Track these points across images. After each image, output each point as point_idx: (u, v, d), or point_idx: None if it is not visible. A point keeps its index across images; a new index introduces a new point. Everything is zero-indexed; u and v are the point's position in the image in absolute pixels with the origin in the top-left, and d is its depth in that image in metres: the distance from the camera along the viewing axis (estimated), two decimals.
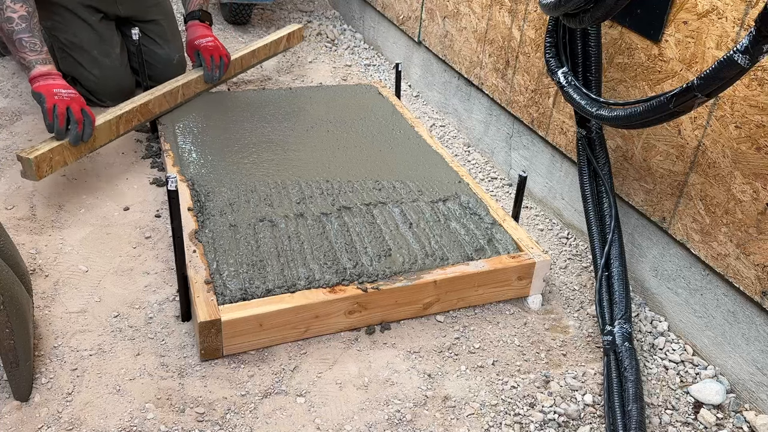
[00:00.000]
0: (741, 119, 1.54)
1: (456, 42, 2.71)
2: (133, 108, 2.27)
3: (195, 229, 1.84)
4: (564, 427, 1.54)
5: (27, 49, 2.03)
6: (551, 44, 1.88)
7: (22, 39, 2.02)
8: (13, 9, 2.00)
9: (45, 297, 1.77)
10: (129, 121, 2.27)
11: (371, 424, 1.50)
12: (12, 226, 2.00)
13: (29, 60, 2.04)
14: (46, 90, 2.00)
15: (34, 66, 2.04)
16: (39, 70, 2.04)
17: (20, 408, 1.47)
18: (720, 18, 1.56)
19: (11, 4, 1.99)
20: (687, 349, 1.79)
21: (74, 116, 2.00)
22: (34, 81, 2.03)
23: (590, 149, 1.93)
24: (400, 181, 2.15)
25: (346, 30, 3.77)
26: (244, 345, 1.63)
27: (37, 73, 2.04)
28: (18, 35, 2.01)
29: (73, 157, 2.08)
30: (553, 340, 1.79)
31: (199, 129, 2.37)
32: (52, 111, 1.97)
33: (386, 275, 1.75)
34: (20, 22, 2.01)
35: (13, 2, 1.99)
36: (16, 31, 2.01)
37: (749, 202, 1.56)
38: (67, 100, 2.00)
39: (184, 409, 1.50)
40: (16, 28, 2.01)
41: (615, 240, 1.81)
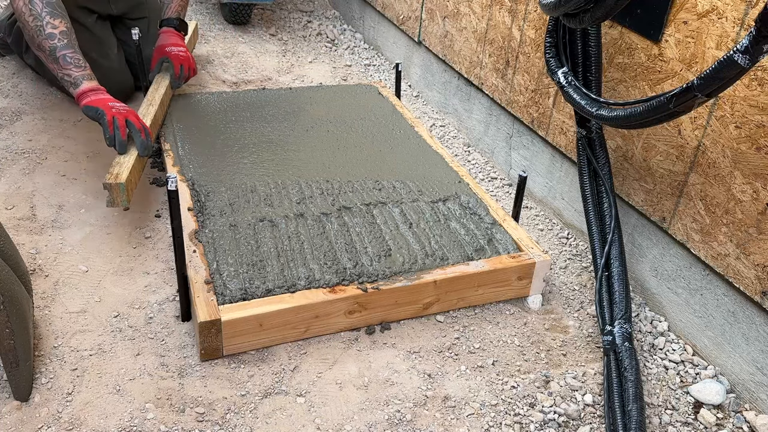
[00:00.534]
0: (741, 119, 1.54)
1: (456, 42, 2.71)
2: (152, 122, 2.21)
3: (195, 229, 1.84)
4: (564, 427, 1.54)
5: (72, 66, 1.99)
6: (551, 44, 1.88)
7: (66, 55, 1.98)
8: (54, 25, 1.96)
9: (45, 297, 1.77)
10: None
11: (371, 424, 1.51)
12: (12, 226, 2.00)
13: (75, 76, 1.99)
14: (102, 104, 1.96)
15: (81, 82, 2.00)
16: (86, 86, 2.00)
17: (20, 408, 1.47)
18: (720, 18, 1.56)
19: (51, 20, 1.95)
20: (687, 349, 1.79)
21: (135, 126, 1.97)
22: (83, 97, 1.99)
23: (590, 149, 1.93)
24: (400, 181, 2.15)
25: (346, 30, 3.77)
26: (244, 345, 1.63)
27: (85, 89, 2.00)
28: (61, 51, 1.97)
29: (138, 174, 2.00)
30: (553, 340, 1.79)
31: (199, 129, 2.37)
32: (112, 123, 1.94)
33: (386, 275, 1.75)
34: (62, 38, 1.97)
35: (52, 18, 1.95)
36: (59, 47, 1.97)
37: (749, 202, 1.56)
38: (125, 113, 1.97)
39: (184, 409, 1.50)
40: (58, 45, 1.97)
41: (615, 240, 1.81)
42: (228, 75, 3.12)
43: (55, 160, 2.33)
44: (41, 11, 1.93)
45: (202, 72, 3.12)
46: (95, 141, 2.45)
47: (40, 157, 2.34)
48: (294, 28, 3.74)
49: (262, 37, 3.57)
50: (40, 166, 2.30)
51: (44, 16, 1.94)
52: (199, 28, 3.57)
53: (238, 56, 3.31)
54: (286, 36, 3.63)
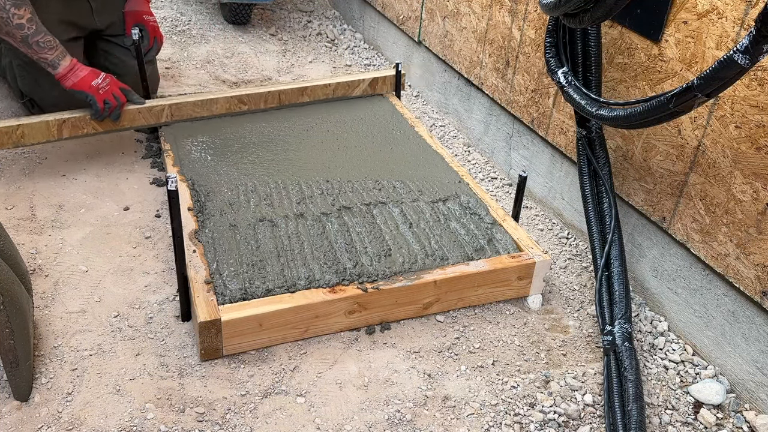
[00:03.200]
0: (741, 119, 1.54)
1: (456, 42, 2.71)
2: None
3: (195, 229, 1.84)
4: (564, 427, 1.54)
5: (45, 49, 2.06)
6: (551, 44, 1.88)
7: (38, 41, 2.05)
8: (20, 15, 2.01)
9: (45, 297, 1.77)
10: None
11: (371, 424, 1.50)
12: (12, 226, 2.00)
13: (51, 59, 2.08)
14: (86, 86, 2.10)
15: (58, 64, 2.09)
16: (64, 66, 2.09)
17: (20, 408, 1.47)
18: (720, 18, 1.56)
19: (16, 11, 2.00)
20: (687, 349, 1.79)
21: (120, 100, 2.19)
22: (65, 80, 2.10)
23: (590, 149, 1.93)
24: (400, 181, 2.15)
25: (346, 30, 3.77)
26: (244, 345, 1.63)
27: (63, 70, 2.09)
28: (33, 38, 2.04)
29: None
30: (553, 340, 1.79)
31: (199, 129, 2.37)
32: (105, 108, 2.14)
33: (386, 275, 1.75)
34: (30, 26, 2.03)
35: (17, 8, 2.00)
36: (30, 35, 2.03)
37: (749, 202, 1.56)
38: (109, 90, 2.14)
39: (184, 409, 1.50)
40: (28, 33, 2.03)
41: (615, 240, 1.81)
42: (228, 75, 3.12)
43: (55, 160, 2.33)
44: (4, 3, 1.98)
45: (201, 72, 3.12)
46: (95, 141, 2.45)
47: (40, 157, 2.34)
48: (294, 28, 3.74)
49: (262, 37, 3.57)
50: (40, 166, 2.30)
51: (8, 7, 1.99)
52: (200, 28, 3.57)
53: (238, 56, 3.31)
54: (286, 36, 3.63)
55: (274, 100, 2.50)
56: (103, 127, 2.23)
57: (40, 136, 2.15)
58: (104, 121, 2.22)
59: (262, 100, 2.49)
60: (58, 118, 2.15)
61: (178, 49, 3.32)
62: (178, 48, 3.33)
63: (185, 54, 3.28)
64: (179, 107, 2.36)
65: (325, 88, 2.58)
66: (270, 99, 2.50)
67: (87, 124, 2.20)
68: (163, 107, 2.33)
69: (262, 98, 2.49)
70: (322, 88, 2.57)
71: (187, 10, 3.78)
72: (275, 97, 2.50)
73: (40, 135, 2.15)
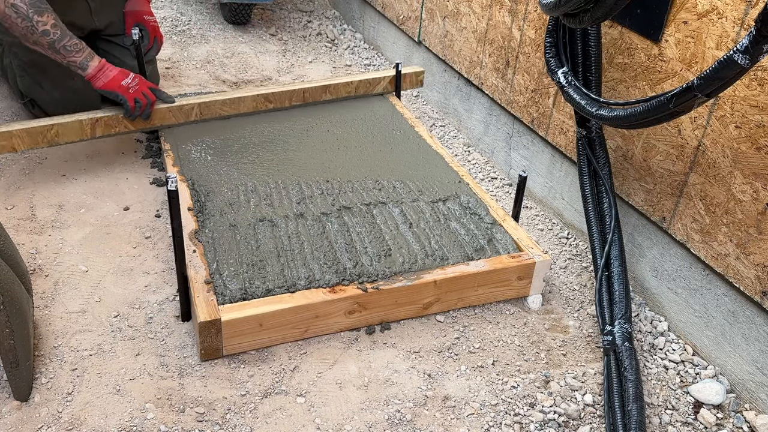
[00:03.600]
0: (741, 119, 1.54)
1: (456, 42, 2.71)
2: None
3: (195, 229, 1.84)
4: (564, 427, 1.54)
5: (73, 53, 2.07)
6: (551, 44, 1.88)
7: (65, 45, 2.05)
8: (43, 22, 2.01)
9: (45, 297, 1.77)
10: None
11: (371, 424, 1.51)
12: (12, 226, 2.00)
13: (80, 62, 2.08)
14: (116, 86, 2.12)
15: (87, 65, 2.09)
16: (93, 67, 2.10)
17: (20, 408, 1.47)
18: (720, 18, 1.56)
19: (39, 17, 2.00)
20: (687, 349, 1.79)
21: (150, 98, 2.21)
22: (95, 80, 2.11)
23: (590, 149, 1.93)
24: (400, 181, 2.15)
25: (346, 30, 3.77)
26: (244, 345, 1.63)
27: (93, 71, 2.10)
28: (60, 43, 2.04)
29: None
30: (553, 340, 1.79)
31: (199, 129, 2.37)
32: (135, 107, 2.15)
33: (386, 275, 1.75)
34: (55, 31, 2.03)
35: (39, 15, 1.99)
36: (56, 40, 2.03)
37: (749, 202, 1.56)
38: (139, 89, 2.16)
39: (184, 409, 1.50)
40: (54, 38, 2.03)
41: (615, 240, 1.81)
42: (228, 75, 3.12)
43: (55, 160, 2.33)
44: (27, 11, 1.97)
45: (201, 72, 3.12)
46: (95, 141, 2.45)
47: (40, 157, 2.34)
48: (294, 28, 3.74)
49: (262, 37, 3.57)
50: (40, 166, 2.30)
51: (32, 15, 1.98)
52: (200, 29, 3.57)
53: (238, 56, 3.31)
54: (286, 36, 3.63)
55: (299, 98, 2.54)
56: (135, 126, 2.25)
57: (73, 135, 2.16)
58: (136, 120, 2.23)
59: (287, 98, 2.53)
60: (91, 117, 2.17)
61: (178, 49, 3.32)
62: (178, 48, 3.34)
63: (185, 54, 3.28)
64: (208, 105, 2.39)
65: (348, 86, 2.61)
66: (296, 97, 2.53)
67: (119, 123, 2.22)
68: (193, 106, 2.36)
69: (287, 96, 2.52)
70: (344, 85, 2.61)
71: (187, 10, 3.78)
72: (300, 95, 2.54)
73: (73, 134, 2.16)
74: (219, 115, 2.42)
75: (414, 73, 2.71)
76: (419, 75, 2.72)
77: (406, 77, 2.70)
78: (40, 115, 2.40)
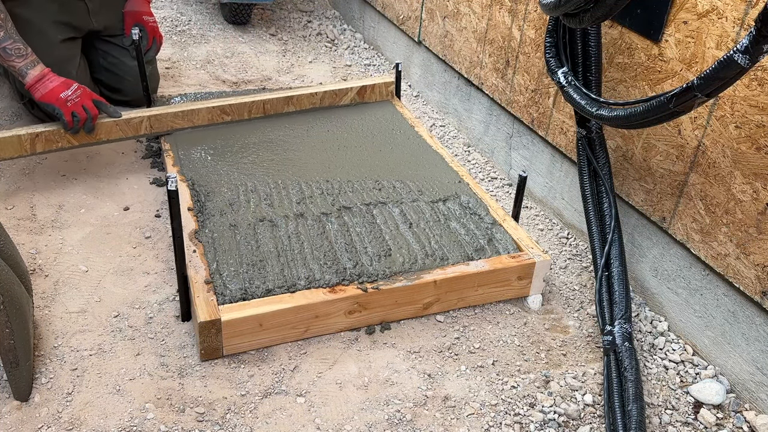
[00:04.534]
0: (741, 119, 1.54)
1: (456, 42, 2.71)
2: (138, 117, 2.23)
3: (195, 229, 1.84)
4: (564, 427, 1.54)
5: (13, 57, 1.97)
6: (551, 44, 1.88)
7: (5, 48, 1.95)
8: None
9: (45, 297, 1.77)
10: None
11: (371, 424, 1.51)
12: (12, 226, 2.00)
13: (19, 68, 1.98)
14: (54, 98, 1.98)
15: (26, 73, 1.99)
16: (32, 75, 1.99)
17: (20, 408, 1.47)
18: (720, 18, 1.56)
19: None
20: (687, 349, 1.79)
21: (90, 112, 2.06)
22: (34, 90, 1.99)
23: (590, 149, 1.93)
24: (400, 181, 2.15)
25: (346, 30, 3.77)
26: (244, 345, 1.63)
27: (32, 80, 1.99)
28: (1, 44, 1.95)
29: None
30: (553, 340, 1.79)
31: (199, 128, 2.37)
32: (73, 121, 2.00)
33: (386, 275, 1.75)
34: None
35: None
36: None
37: (749, 202, 1.56)
38: (79, 102, 2.01)
39: (184, 409, 1.50)
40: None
41: (615, 240, 1.81)
42: (228, 75, 3.12)
43: (55, 160, 2.33)
44: None
45: (201, 72, 3.12)
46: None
47: (40, 157, 2.34)
48: (294, 28, 3.74)
49: (262, 37, 3.57)
50: (40, 166, 2.30)
51: None
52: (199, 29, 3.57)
53: (238, 56, 3.31)
54: (286, 36, 3.63)
55: (259, 110, 2.42)
56: (78, 140, 2.11)
57: (11, 150, 2.03)
58: (78, 135, 2.10)
59: (246, 110, 2.40)
60: (30, 132, 2.04)
61: (178, 49, 3.32)
62: (178, 48, 3.34)
63: (185, 54, 3.28)
64: (158, 119, 2.26)
65: (312, 97, 2.52)
66: (255, 109, 2.41)
67: (61, 138, 2.08)
68: (142, 119, 2.22)
69: (246, 108, 2.39)
70: (308, 97, 2.50)
71: (187, 10, 3.78)
72: (260, 107, 2.41)
73: (11, 149, 2.03)
74: (171, 128, 2.28)
75: (384, 84, 2.62)
76: (389, 86, 2.63)
77: (375, 88, 2.60)
78: (40, 115, 2.39)
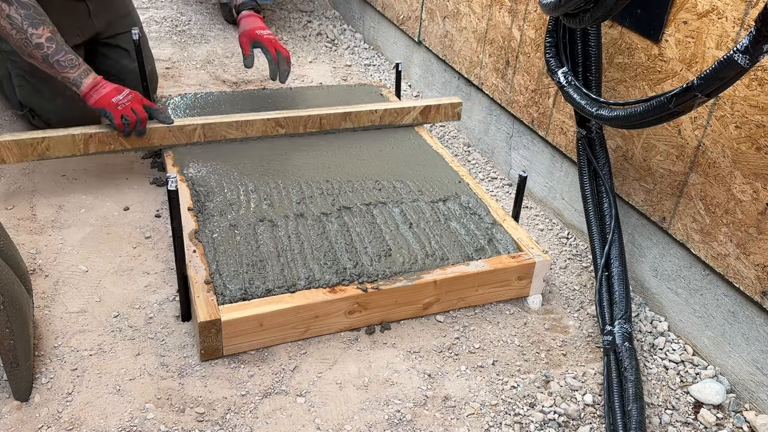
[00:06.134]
0: (741, 119, 1.54)
1: (456, 42, 2.71)
2: None
3: (195, 229, 1.84)
4: (564, 427, 1.54)
5: (67, 68, 2.02)
6: (551, 44, 1.88)
7: (59, 60, 2.00)
8: (38, 35, 1.97)
9: (45, 297, 1.77)
10: None
11: (371, 424, 1.51)
12: (12, 226, 2.00)
13: (73, 78, 2.03)
14: (105, 103, 2.05)
15: (80, 82, 2.04)
16: (86, 85, 2.04)
17: (20, 408, 1.47)
18: (720, 18, 1.56)
19: (34, 30, 1.96)
20: (687, 349, 1.79)
21: (139, 116, 2.10)
22: (88, 97, 2.05)
23: (590, 149, 1.93)
24: (400, 181, 2.15)
25: (346, 30, 3.77)
26: (244, 345, 1.63)
27: (86, 88, 2.04)
28: (53, 57, 1.99)
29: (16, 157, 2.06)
30: (553, 340, 1.79)
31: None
32: (123, 124, 2.06)
33: (386, 275, 1.75)
34: (50, 45, 1.99)
35: (34, 28, 1.96)
36: (50, 54, 1.99)
37: (749, 202, 1.56)
38: (129, 105, 2.07)
39: (184, 409, 1.50)
40: (48, 52, 1.98)
41: (615, 240, 1.81)
42: (228, 75, 3.12)
43: (55, 160, 2.33)
44: (22, 23, 1.94)
45: (201, 72, 3.12)
46: None
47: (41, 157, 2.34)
48: (294, 28, 3.74)
49: None
50: (40, 166, 2.30)
51: (26, 28, 1.95)
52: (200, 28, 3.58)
53: (238, 56, 3.31)
54: (286, 36, 3.63)
55: (315, 125, 2.39)
56: (131, 143, 2.15)
57: (65, 149, 2.08)
58: (131, 137, 2.14)
59: (302, 123, 2.36)
60: (85, 133, 2.08)
61: (178, 49, 3.32)
62: (178, 48, 3.34)
63: (185, 54, 3.28)
64: (212, 128, 2.26)
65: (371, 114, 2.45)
66: (311, 123, 2.38)
67: (114, 141, 2.12)
68: (195, 127, 2.23)
69: (301, 122, 2.36)
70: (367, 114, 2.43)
71: (187, 10, 3.79)
72: (316, 121, 2.38)
73: (65, 148, 2.08)
74: (223, 137, 2.30)
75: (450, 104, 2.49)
76: (456, 107, 2.50)
77: (440, 108, 2.49)
78: (41, 125, 2.38)
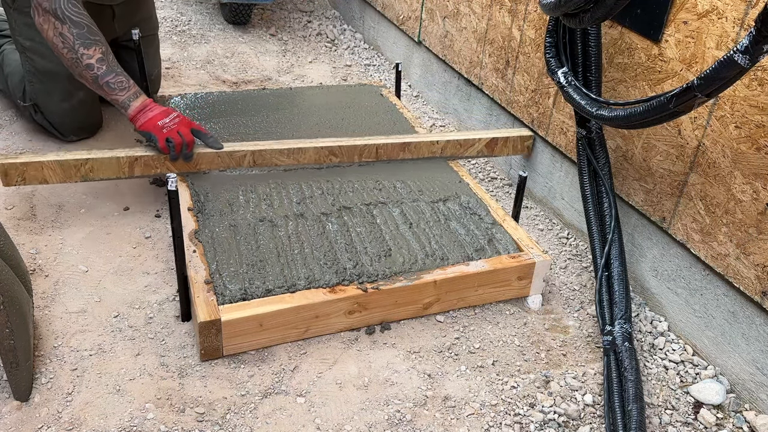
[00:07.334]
0: (741, 119, 1.54)
1: (456, 42, 2.71)
2: None
3: (195, 229, 1.84)
4: (564, 427, 1.54)
5: (116, 90, 2.00)
6: (551, 44, 1.88)
7: (108, 82, 1.99)
8: (89, 55, 1.96)
9: (45, 297, 1.77)
10: None
11: (371, 424, 1.51)
12: (12, 226, 2.00)
13: (122, 101, 2.01)
14: (151, 126, 2.00)
15: (129, 105, 2.01)
16: (134, 107, 2.01)
17: (20, 408, 1.47)
18: (720, 18, 1.56)
19: (85, 50, 1.95)
20: (687, 349, 1.79)
21: (185, 139, 2.03)
22: (135, 120, 2.02)
23: (590, 149, 1.93)
24: (400, 181, 2.15)
25: (346, 30, 3.77)
26: (244, 345, 1.63)
27: (134, 111, 2.01)
28: (103, 79, 1.98)
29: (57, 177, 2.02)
30: (553, 340, 1.79)
31: None
32: (168, 148, 2.01)
33: (386, 275, 1.75)
34: (100, 66, 1.97)
35: (86, 48, 1.95)
36: (100, 75, 1.97)
37: (749, 202, 1.56)
38: (175, 128, 2.02)
39: (184, 409, 1.50)
40: (98, 73, 1.97)
41: (615, 240, 1.81)
42: (228, 75, 3.12)
43: None
44: (74, 43, 1.93)
45: (201, 72, 3.12)
46: (95, 142, 2.45)
47: None
48: (294, 28, 3.74)
49: (262, 37, 3.58)
50: None
51: (77, 48, 1.94)
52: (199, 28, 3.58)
53: (238, 56, 3.31)
54: (286, 36, 3.63)
55: (371, 155, 2.26)
56: (177, 168, 2.08)
57: (109, 171, 2.03)
58: (178, 162, 2.07)
59: (357, 152, 2.24)
60: (130, 155, 2.02)
61: (178, 49, 3.32)
62: (178, 48, 3.34)
63: (185, 54, 3.28)
64: (262, 154, 2.15)
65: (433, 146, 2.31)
66: (367, 153, 2.25)
67: (161, 165, 2.06)
68: (245, 153, 2.13)
69: (356, 151, 2.24)
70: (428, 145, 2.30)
71: (187, 10, 3.79)
72: (372, 151, 2.25)
73: (109, 170, 2.03)
74: (274, 164, 2.16)
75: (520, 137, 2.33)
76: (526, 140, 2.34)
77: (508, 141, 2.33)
78: (42, 122, 2.40)
